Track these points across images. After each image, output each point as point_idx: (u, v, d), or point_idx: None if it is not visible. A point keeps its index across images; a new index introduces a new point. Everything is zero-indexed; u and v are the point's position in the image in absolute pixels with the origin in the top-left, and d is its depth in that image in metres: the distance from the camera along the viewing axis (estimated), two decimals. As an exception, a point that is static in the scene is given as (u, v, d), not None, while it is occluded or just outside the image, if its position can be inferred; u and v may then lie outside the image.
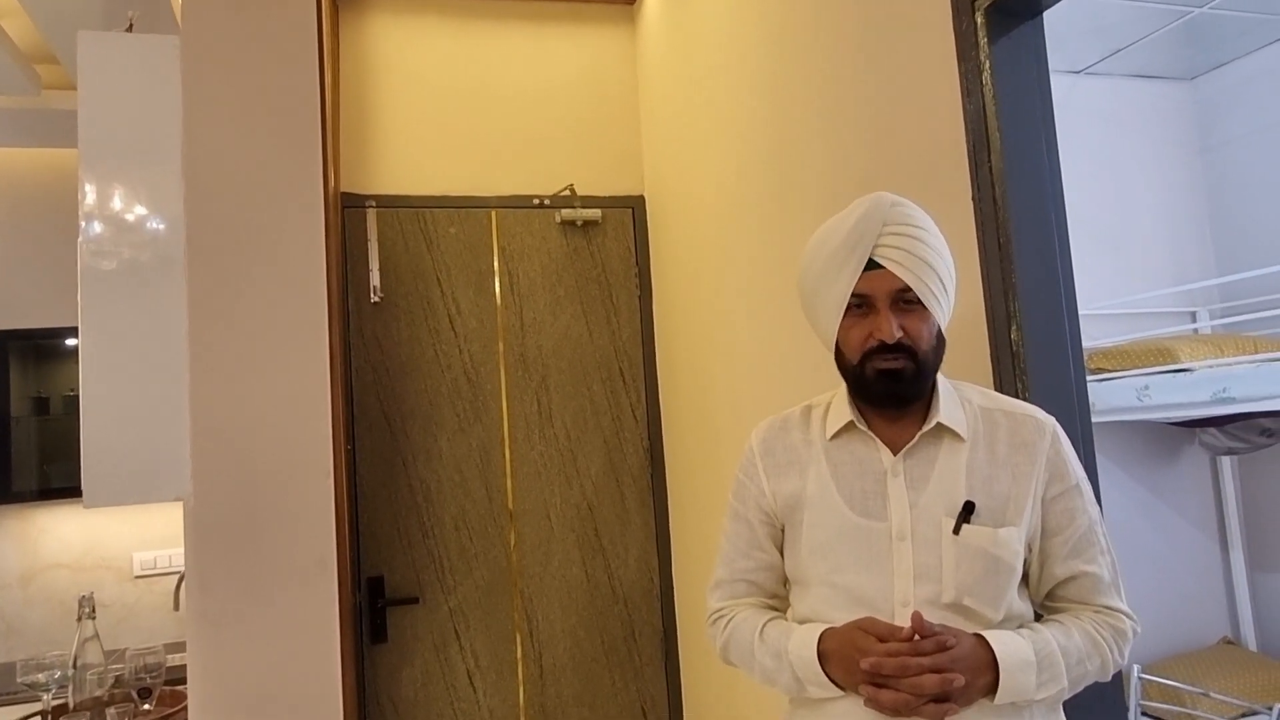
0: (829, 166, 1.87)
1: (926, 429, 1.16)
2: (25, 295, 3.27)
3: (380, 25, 2.93)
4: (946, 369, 1.20)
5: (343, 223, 2.79)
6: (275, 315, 2.01)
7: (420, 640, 2.75)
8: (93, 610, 2.21)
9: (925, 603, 1.10)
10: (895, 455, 1.17)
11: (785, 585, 1.29)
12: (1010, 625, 1.12)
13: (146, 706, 2.09)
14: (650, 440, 3.01)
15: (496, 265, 2.95)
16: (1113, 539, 1.18)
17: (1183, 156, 3.65)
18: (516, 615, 2.84)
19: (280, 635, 1.94)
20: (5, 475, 3.16)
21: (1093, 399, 2.72)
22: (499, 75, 3.01)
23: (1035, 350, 1.36)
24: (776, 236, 2.11)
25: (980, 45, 1.40)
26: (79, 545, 3.27)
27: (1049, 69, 1.44)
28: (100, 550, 3.28)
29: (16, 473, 3.18)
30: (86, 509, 2.87)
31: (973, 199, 1.41)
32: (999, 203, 1.37)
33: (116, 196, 1.93)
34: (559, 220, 3.00)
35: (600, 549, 2.93)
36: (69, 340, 3.27)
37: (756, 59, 2.20)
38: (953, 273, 1.17)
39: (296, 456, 1.99)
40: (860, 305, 1.15)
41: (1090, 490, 1.18)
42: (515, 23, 3.05)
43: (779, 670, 1.17)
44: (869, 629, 1.08)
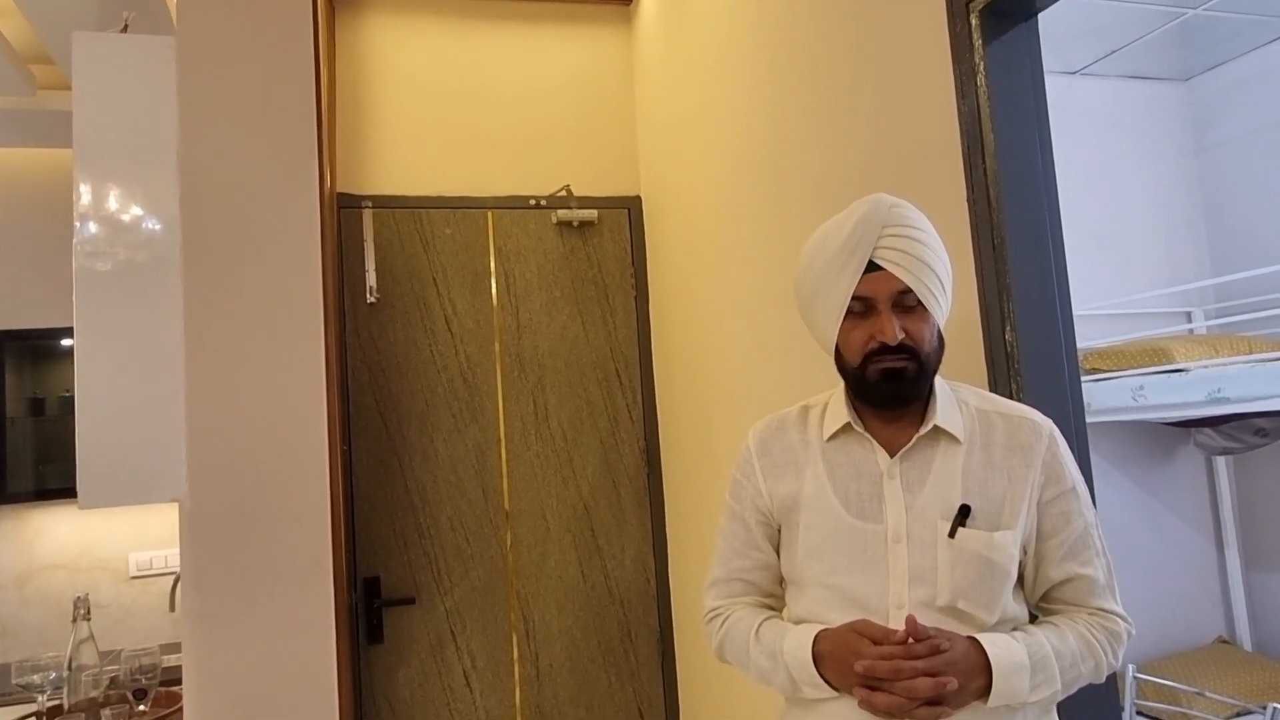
0: (824, 167, 1.87)
1: (923, 432, 1.16)
2: (20, 296, 3.27)
3: (376, 25, 2.92)
4: (942, 370, 1.20)
5: (338, 223, 2.78)
6: (271, 316, 2.00)
7: (416, 641, 2.75)
8: (88, 611, 2.20)
9: (920, 605, 1.10)
10: (892, 457, 1.17)
11: (781, 585, 1.29)
12: (1005, 627, 1.12)
13: (142, 708, 2.09)
14: (646, 440, 3.01)
15: (493, 266, 2.95)
16: (1108, 539, 1.18)
17: (1178, 157, 3.65)
18: (513, 616, 2.84)
19: (276, 636, 1.94)
20: (1, 476, 3.15)
21: (1088, 399, 2.74)
22: (495, 76, 3.01)
23: (1030, 351, 1.36)
24: (772, 237, 2.11)
25: (975, 47, 1.40)
26: (75, 546, 3.26)
27: (1044, 70, 1.44)
28: (96, 551, 3.27)
29: (12, 473, 3.17)
30: (82, 510, 2.86)
31: (967, 200, 1.41)
32: (994, 204, 1.37)
33: (112, 197, 1.92)
34: (555, 221, 3.00)
35: (596, 549, 2.93)
36: (64, 341, 3.26)
37: (753, 60, 2.20)
38: (950, 273, 1.18)
39: (292, 457, 1.98)
40: (860, 307, 1.14)
41: (1086, 493, 1.18)
42: (511, 23, 3.04)
43: (774, 670, 1.18)
44: (863, 631, 1.08)
